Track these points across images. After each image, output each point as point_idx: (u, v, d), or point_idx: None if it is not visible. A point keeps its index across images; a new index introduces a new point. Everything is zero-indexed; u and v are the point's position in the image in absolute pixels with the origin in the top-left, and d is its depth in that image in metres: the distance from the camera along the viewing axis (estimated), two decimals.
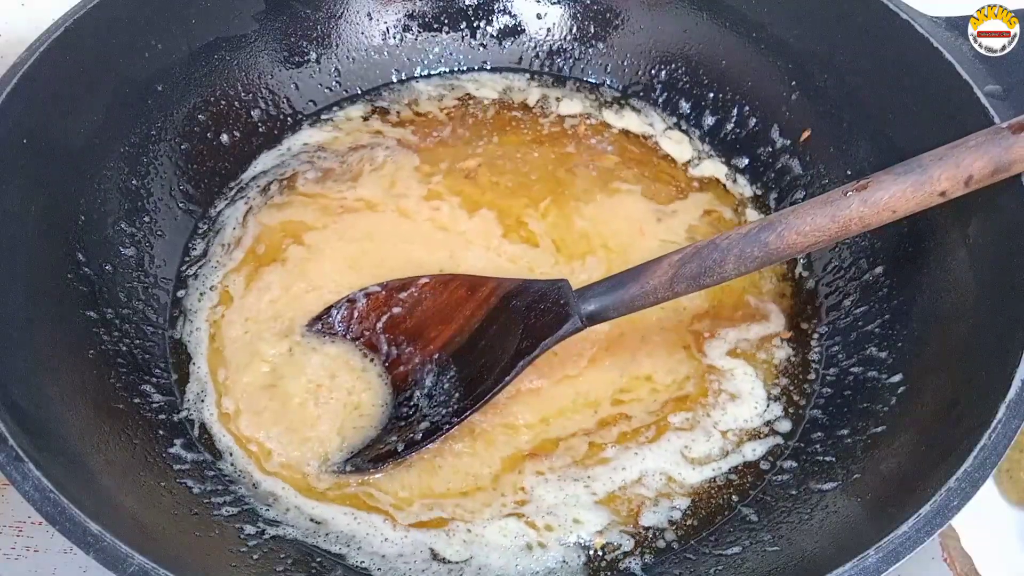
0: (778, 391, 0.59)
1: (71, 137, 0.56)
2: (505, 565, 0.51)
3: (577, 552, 0.52)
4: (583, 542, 0.52)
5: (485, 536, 0.52)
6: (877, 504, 0.46)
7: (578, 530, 0.52)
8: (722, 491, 0.54)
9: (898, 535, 0.39)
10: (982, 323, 0.49)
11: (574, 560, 0.52)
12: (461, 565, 0.51)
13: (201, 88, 0.66)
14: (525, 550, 0.52)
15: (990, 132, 0.45)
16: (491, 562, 0.51)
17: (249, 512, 0.52)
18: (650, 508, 0.53)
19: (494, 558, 0.51)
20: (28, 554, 0.55)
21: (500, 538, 0.52)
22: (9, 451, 0.40)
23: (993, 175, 0.45)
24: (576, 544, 0.52)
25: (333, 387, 0.57)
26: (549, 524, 0.52)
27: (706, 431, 0.56)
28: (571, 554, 0.52)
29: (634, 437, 0.56)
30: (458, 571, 0.51)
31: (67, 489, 0.40)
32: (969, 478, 0.41)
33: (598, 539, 0.52)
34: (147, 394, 0.56)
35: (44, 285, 0.52)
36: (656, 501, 0.54)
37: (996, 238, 0.50)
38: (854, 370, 0.57)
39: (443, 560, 0.51)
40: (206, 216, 0.66)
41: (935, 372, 0.51)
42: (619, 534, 0.52)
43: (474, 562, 0.51)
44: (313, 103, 0.72)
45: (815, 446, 0.55)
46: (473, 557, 0.51)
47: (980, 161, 0.45)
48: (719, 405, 0.58)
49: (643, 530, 0.53)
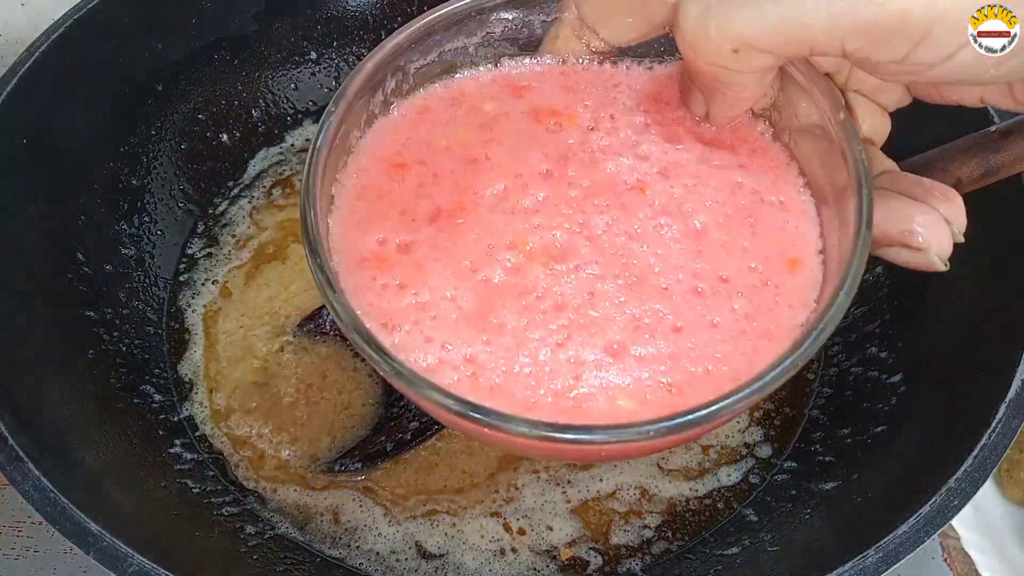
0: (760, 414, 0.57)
1: (71, 137, 0.56)
2: (479, 568, 0.51)
3: (546, 561, 0.52)
4: (553, 552, 0.52)
5: (465, 533, 0.52)
6: (877, 504, 0.46)
7: (550, 538, 0.52)
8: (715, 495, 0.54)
9: (898, 535, 0.39)
10: (982, 323, 0.49)
11: (543, 569, 0.51)
12: (442, 560, 0.51)
13: (201, 88, 0.66)
14: (498, 554, 0.52)
15: (980, 136, 0.45)
16: (466, 562, 0.51)
17: (249, 512, 0.52)
18: (621, 526, 0.53)
19: (468, 559, 0.52)
20: (28, 554, 0.55)
21: (477, 538, 0.52)
22: (9, 451, 0.40)
23: (982, 179, 0.45)
24: (546, 553, 0.52)
25: (324, 386, 0.57)
26: (523, 528, 0.52)
27: (685, 444, 0.56)
28: (540, 562, 0.52)
29: None
30: (442, 568, 0.51)
31: (67, 489, 0.40)
32: (969, 478, 0.41)
33: (565, 551, 0.52)
34: (147, 394, 0.56)
35: (44, 285, 0.52)
36: (627, 518, 0.53)
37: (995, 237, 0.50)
38: (854, 370, 0.57)
39: (426, 555, 0.51)
40: (206, 215, 0.66)
41: (935, 372, 0.51)
42: (588, 550, 0.52)
43: (450, 559, 0.51)
44: (313, 103, 0.72)
45: (815, 446, 0.55)
46: (450, 553, 0.52)
47: (968, 165, 0.45)
48: None
49: (611, 548, 0.52)
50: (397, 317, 0.36)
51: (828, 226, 0.39)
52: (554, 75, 0.44)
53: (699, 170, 0.40)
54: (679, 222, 0.39)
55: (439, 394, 0.32)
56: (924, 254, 0.37)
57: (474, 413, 0.32)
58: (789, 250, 0.39)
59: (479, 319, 0.36)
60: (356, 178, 0.41)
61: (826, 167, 0.39)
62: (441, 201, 0.40)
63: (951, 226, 0.37)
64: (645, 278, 0.37)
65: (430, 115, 0.43)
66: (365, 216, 0.40)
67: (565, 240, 0.38)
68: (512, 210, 0.39)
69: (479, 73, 0.44)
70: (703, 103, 0.40)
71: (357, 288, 0.37)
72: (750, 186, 0.40)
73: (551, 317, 0.36)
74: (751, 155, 0.41)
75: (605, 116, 0.43)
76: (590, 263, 0.38)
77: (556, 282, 0.37)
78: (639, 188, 0.40)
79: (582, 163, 0.41)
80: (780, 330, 0.36)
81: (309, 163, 0.37)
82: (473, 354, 0.36)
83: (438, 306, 0.37)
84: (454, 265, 0.38)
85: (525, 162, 0.41)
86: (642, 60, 0.44)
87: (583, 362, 0.35)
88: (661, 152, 0.41)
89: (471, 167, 0.41)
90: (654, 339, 0.36)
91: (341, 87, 0.39)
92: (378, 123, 0.42)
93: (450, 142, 0.42)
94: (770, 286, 0.37)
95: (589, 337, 0.36)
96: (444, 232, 0.39)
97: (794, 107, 0.40)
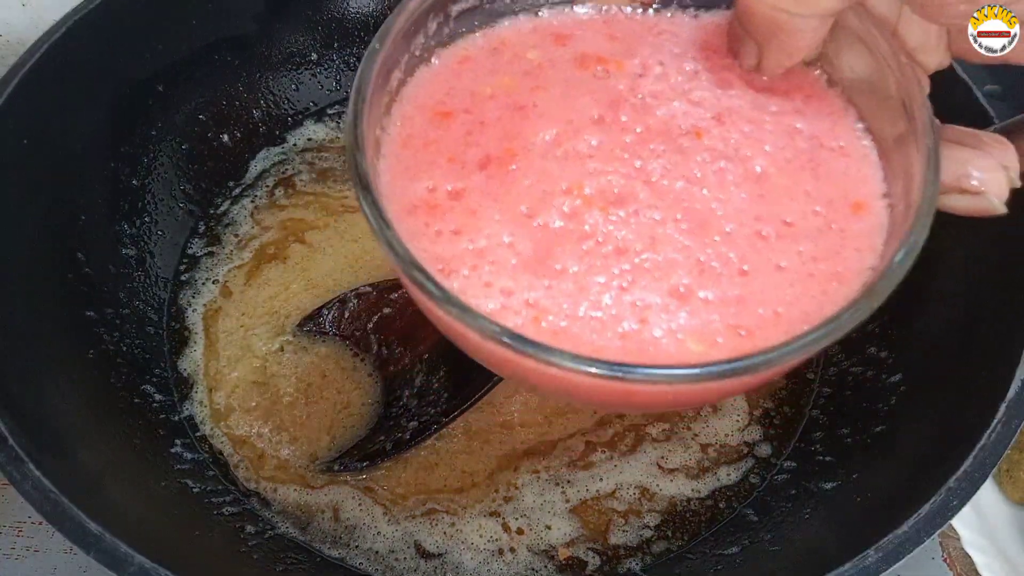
0: (760, 413, 0.57)
1: (71, 137, 0.56)
2: (477, 568, 0.51)
3: (544, 561, 0.52)
4: (551, 552, 0.52)
5: (463, 532, 0.52)
6: (877, 504, 0.46)
7: (548, 537, 0.52)
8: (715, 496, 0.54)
9: (898, 535, 0.39)
10: (982, 323, 0.49)
11: (541, 569, 0.51)
12: (440, 559, 0.51)
13: (201, 88, 0.66)
14: (496, 554, 0.52)
15: None
16: (464, 561, 0.51)
17: (249, 512, 0.52)
18: (620, 526, 0.53)
19: (467, 558, 0.52)
20: (28, 554, 0.55)
21: (476, 538, 0.52)
22: (9, 451, 0.40)
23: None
24: (544, 553, 0.52)
25: (323, 386, 0.57)
26: (521, 528, 0.53)
27: (684, 443, 0.56)
28: (538, 562, 0.52)
29: (621, 440, 0.56)
30: (440, 567, 0.51)
31: (67, 489, 0.40)
32: (969, 478, 0.41)
33: (563, 551, 0.52)
34: (147, 394, 0.56)
35: (44, 285, 0.52)
36: (626, 518, 0.53)
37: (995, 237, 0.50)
38: (854, 370, 0.57)
39: (425, 555, 0.51)
40: (207, 215, 0.66)
41: (935, 372, 0.51)
42: (586, 550, 0.52)
43: (449, 559, 0.51)
44: (314, 103, 0.72)
45: (815, 446, 0.55)
46: (448, 553, 0.52)
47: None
48: (700, 418, 0.57)
49: (610, 548, 0.52)
50: (454, 263, 0.36)
51: (891, 173, 0.38)
52: (597, 24, 0.43)
53: (754, 115, 0.40)
54: (739, 166, 0.38)
55: (505, 334, 0.31)
56: (983, 197, 0.36)
57: (543, 354, 0.30)
58: (853, 194, 0.38)
59: (539, 264, 0.35)
60: (400, 126, 0.40)
61: (884, 117, 0.38)
62: (490, 148, 0.39)
63: (1007, 171, 0.37)
64: (707, 222, 0.36)
65: (472, 64, 0.42)
66: (413, 164, 0.39)
67: (623, 185, 0.37)
68: (565, 156, 0.38)
69: (519, 22, 0.43)
70: (755, 53, 0.39)
71: (411, 234, 0.36)
72: (808, 131, 0.39)
73: (613, 261, 0.35)
74: (807, 101, 0.40)
75: (653, 62, 0.42)
76: (650, 207, 0.37)
77: (616, 226, 0.36)
78: (695, 133, 0.39)
79: (634, 109, 0.40)
80: (849, 272, 0.36)
81: (354, 102, 0.36)
82: (535, 299, 0.35)
83: (495, 252, 0.36)
84: (510, 211, 0.37)
85: (575, 108, 0.40)
86: (687, 8, 0.43)
87: (649, 305, 0.34)
88: (714, 98, 0.40)
89: (519, 114, 0.40)
90: (720, 282, 0.35)
91: (384, 25, 0.38)
92: (420, 72, 0.42)
93: (495, 90, 0.41)
94: (835, 229, 0.37)
95: (654, 281, 0.35)
96: (496, 179, 0.38)
97: (848, 57, 0.39)
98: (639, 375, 0.30)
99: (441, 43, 0.42)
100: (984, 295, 0.50)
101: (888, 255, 0.34)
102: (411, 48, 0.41)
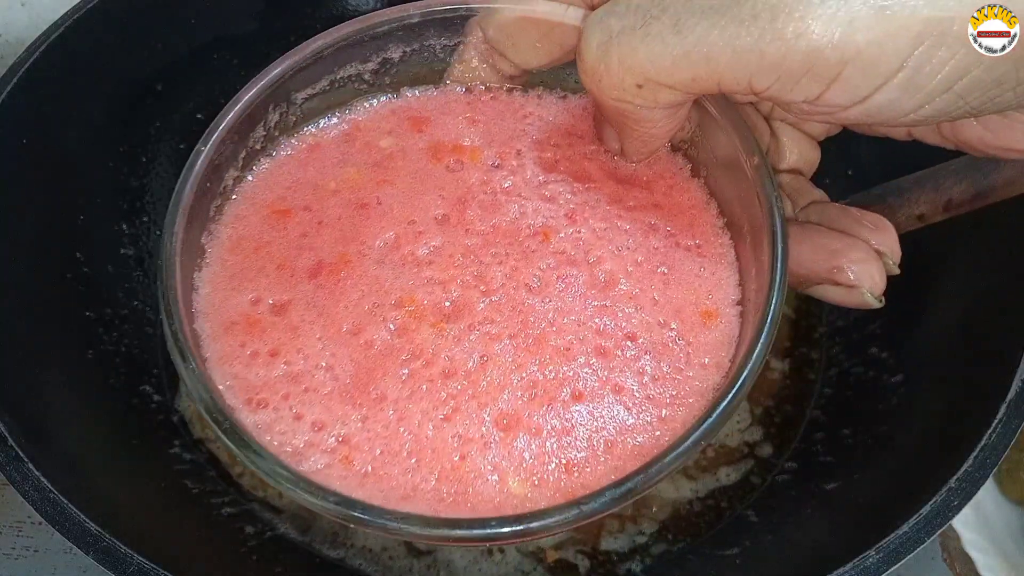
0: (761, 411, 0.57)
1: (70, 137, 0.56)
2: (467, 566, 0.51)
3: (533, 564, 0.51)
4: (539, 554, 0.52)
5: None
6: (877, 504, 0.46)
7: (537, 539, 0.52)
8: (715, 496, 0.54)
9: (898, 535, 0.39)
10: (982, 323, 0.49)
11: (531, 571, 0.51)
12: (431, 556, 0.51)
13: (201, 88, 0.66)
14: (486, 553, 0.51)
15: (971, 158, 0.44)
16: (454, 559, 0.51)
17: (248, 512, 0.52)
18: (616, 527, 0.52)
19: (456, 556, 0.51)
20: (28, 554, 0.55)
21: None
22: (9, 451, 0.40)
23: (973, 201, 0.44)
24: (532, 555, 0.52)
25: None
26: None
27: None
28: (527, 564, 0.51)
29: None
30: (432, 565, 0.51)
31: (67, 489, 0.40)
32: (969, 478, 0.41)
33: (551, 553, 0.51)
34: (146, 394, 0.56)
35: (43, 285, 0.52)
36: (622, 519, 0.52)
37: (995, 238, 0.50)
38: (855, 370, 0.57)
39: (416, 553, 0.51)
40: None
41: (936, 372, 0.51)
42: (574, 553, 0.51)
43: (439, 556, 0.51)
44: None
45: (816, 446, 0.55)
46: (439, 550, 0.51)
47: (960, 186, 0.44)
48: None
49: (600, 553, 0.52)
50: (264, 391, 0.34)
51: (746, 272, 0.36)
52: (459, 105, 0.41)
53: (610, 212, 0.38)
54: (584, 272, 0.36)
55: (301, 490, 0.29)
56: (856, 292, 0.35)
57: (339, 506, 0.29)
58: (705, 301, 0.36)
59: (357, 391, 0.33)
60: (232, 227, 0.38)
61: (744, 204, 0.36)
62: (324, 253, 0.37)
63: (885, 258, 0.35)
64: (545, 337, 0.35)
65: (320, 152, 0.40)
66: (239, 272, 0.36)
67: (458, 296, 0.35)
68: (402, 262, 0.36)
69: (378, 104, 0.41)
70: (616, 138, 0.38)
71: (222, 357, 0.34)
72: (664, 228, 0.38)
73: (438, 386, 0.33)
74: (668, 193, 0.39)
75: (511, 152, 0.40)
76: (485, 321, 0.35)
77: (446, 344, 0.34)
78: (543, 234, 0.37)
79: (482, 206, 0.38)
80: (692, 394, 0.34)
81: (170, 212, 0.34)
82: (347, 434, 0.33)
83: (312, 377, 0.34)
84: (333, 328, 0.35)
85: (420, 206, 0.38)
86: (555, 89, 0.41)
87: (471, 439, 0.33)
88: (570, 192, 0.38)
89: (360, 213, 0.38)
90: (553, 408, 0.33)
91: (214, 122, 0.36)
92: (261, 164, 0.39)
93: (339, 184, 0.39)
94: (682, 343, 0.35)
95: (479, 408, 0.33)
96: (325, 289, 0.36)
97: (711, 141, 0.38)
98: (436, 535, 0.29)
99: (287, 131, 0.40)
100: (984, 296, 0.50)
101: (731, 374, 0.33)
102: (248, 142, 0.38)
